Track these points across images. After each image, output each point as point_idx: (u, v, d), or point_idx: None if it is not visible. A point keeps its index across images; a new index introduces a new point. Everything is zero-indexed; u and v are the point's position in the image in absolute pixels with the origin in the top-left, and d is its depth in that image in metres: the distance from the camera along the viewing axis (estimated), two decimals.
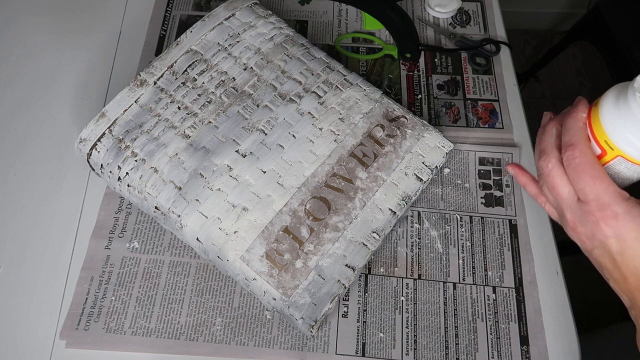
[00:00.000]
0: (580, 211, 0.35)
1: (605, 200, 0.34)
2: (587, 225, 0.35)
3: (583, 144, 0.35)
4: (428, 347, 0.54)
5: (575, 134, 0.35)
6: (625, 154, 0.34)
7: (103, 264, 0.58)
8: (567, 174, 0.36)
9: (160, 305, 0.56)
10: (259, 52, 0.63)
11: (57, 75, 0.72)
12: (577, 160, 0.35)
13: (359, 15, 0.78)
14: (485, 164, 0.64)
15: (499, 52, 0.73)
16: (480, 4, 0.78)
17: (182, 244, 0.59)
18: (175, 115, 0.58)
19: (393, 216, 0.57)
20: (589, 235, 0.36)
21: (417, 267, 0.58)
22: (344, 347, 0.54)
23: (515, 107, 0.68)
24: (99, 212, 0.61)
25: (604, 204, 0.34)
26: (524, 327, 0.55)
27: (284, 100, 0.60)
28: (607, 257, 0.36)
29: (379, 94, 0.62)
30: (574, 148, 0.35)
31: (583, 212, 0.35)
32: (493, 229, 0.60)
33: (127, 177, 0.56)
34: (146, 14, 0.78)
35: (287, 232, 0.54)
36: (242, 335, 0.54)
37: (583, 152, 0.35)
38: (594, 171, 0.34)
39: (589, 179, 0.34)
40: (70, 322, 0.55)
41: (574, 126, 0.36)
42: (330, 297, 0.52)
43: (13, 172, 0.65)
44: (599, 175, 0.34)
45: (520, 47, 1.66)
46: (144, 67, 0.61)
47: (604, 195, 0.34)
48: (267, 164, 0.56)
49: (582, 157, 0.35)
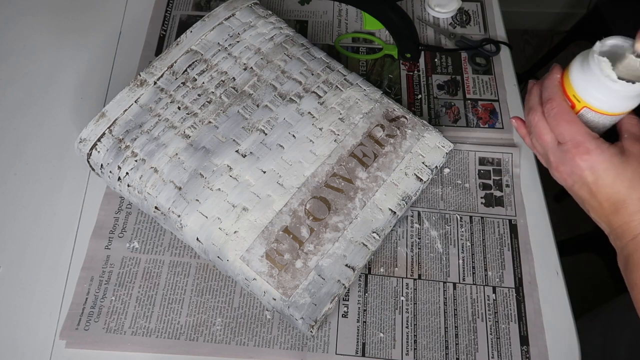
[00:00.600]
0: (560, 152, 0.42)
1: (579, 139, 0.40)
2: (566, 162, 0.42)
3: (559, 97, 0.42)
4: (428, 347, 0.54)
5: (552, 91, 0.43)
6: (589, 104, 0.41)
7: (103, 264, 0.58)
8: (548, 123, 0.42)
9: (160, 305, 0.56)
10: (259, 52, 0.63)
11: (57, 75, 0.72)
12: (554, 110, 0.42)
13: (359, 15, 0.78)
14: (485, 164, 0.64)
15: (499, 52, 0.73)
16: (480, 4, 0.78)
17: (182, 244, 0.59)
18: (175, 115, 0.58)
19: (393, 216, 0.57)
20: (569, 172, 0.42)
21: (417, 267, 0.58)
22: (344, 347, 0.54)
23: (515, 107, 0.68)
24: (99, 212, 0.61)
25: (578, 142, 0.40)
26: (524, 327, 0.55)
27: (284, 100, 0.60)
28: (584, 188, 0.42)
29: (379, 94, 0.63)
30: (552, 101, 0.42)
31: (562, 152, 0.42)
32: (493, 229, 0.60)
33: (127, 177, 0.56)
34: (146, 14, 0.78)
35: (287, 232, 0.54)
36: (242, 335, 0.54)
37: (559, 104, 0.42)
38: (568, 117, 0.41)
39: (565, 123, 0.41)
40: (70, 322, 0.55)
41: (550, 85, 0.43)
42: (330, 297, 0.52)
43: (13, 172, 0.65)
44: (572, 120, 0.41)
45: (520, 47, 1.66)
46: (144, 67, 0.61)
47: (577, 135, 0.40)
48: (267, 164, 0.56)
49: (558, 107, 0.42)
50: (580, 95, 0.41)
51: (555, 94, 0.42)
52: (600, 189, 0.41)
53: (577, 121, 0.41)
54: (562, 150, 0.41)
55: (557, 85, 0.43)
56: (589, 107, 0.41)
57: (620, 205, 0.41)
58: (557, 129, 0.42)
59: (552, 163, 0.44)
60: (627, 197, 0.40)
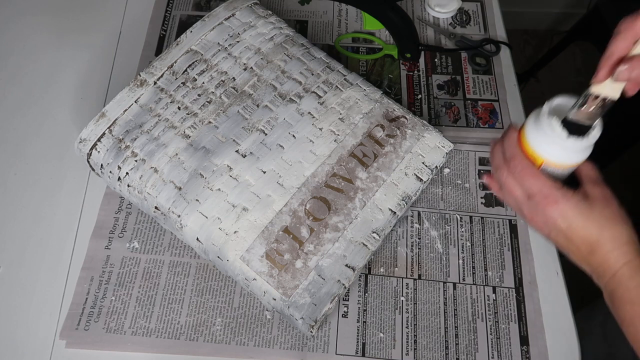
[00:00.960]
0: (532, 205, 0.44)
1: (546, 192, 0.43)
2: (539, 214, 0.44)
3: (520, 155, 0.45)
4: (428, 347, 0.54)
5: (512, 150, 0.46)
6: (547, 160, 0.44)
7: (103, 264, 0.58)
8: (515, 179, 0.45)
9: (160, 305, 0.56)
10: (259, 52, 0.63)
11: (57, 75, 0.72)
12: (518, 168, 0.44)
13: (359, 15, 0.78)
14: (485, 164, 0.64)
15: (499, 52, 0.73)
16: (480, 4, 0.78)
17: (182, 244, 0.59)
18: (175, 115, 0.58)
19: (393, 216, 0.57)
20: (543, 222, 0.44)
21: (417, 267, 0.58)
22: (344, 347, 0.54)
23: (515, 107, 0.68)
24: (99, 212, 0.61)
25: (545, 194, 0.43)
26: (524, 327, 0.55)
27: (284, 100, 0.60)
28: (560, 235, 0.44)
29: (379, 94, 0.62)
30: (514, 159, 0.45)
31: (533, 204, 0.44)
32: (493, 229, 0.60)
33: (127, 177, 0.56)
34: (146, 14, 0.78)
35: (287, 232, 0.54)
36: (242, 335, 0.54)
37: (521, 161, 0.44)
38: (532, 173, 0.44)
39: (531, 178, 0.44)
40: (70, 322, 0.55)
41: (509, 145, 0.46)
42: (330, 297, 0.52)
43: (13, 172, 0.65)
44: (536, 175, 0.44)
45: (520, 47, 1.66)
46: (144, 67, 0.61)
47: (544, 188, 0.43)
48: (267, 164, 0.56)
49: (521, 165, 0.44)
50: (537, 153, 0.44)
51: (516, 152, 0.45)
52: (574, 233, 0.43)
53: (540, 175, 0.44)
54: (533, 203, 0.44)
55: (516, 144, 0.46)
56: (548, 162, 0.44)
57: (595, 246, 0.43)
58: (524, 185, 0.44)
59: (526, 215, 0.46)
60: (600, 238, 0.42)
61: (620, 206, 0.43)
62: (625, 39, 0.39)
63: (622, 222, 0.42)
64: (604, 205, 0.42)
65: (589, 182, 0.44)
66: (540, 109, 0.44)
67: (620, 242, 0.42)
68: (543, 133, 0.42)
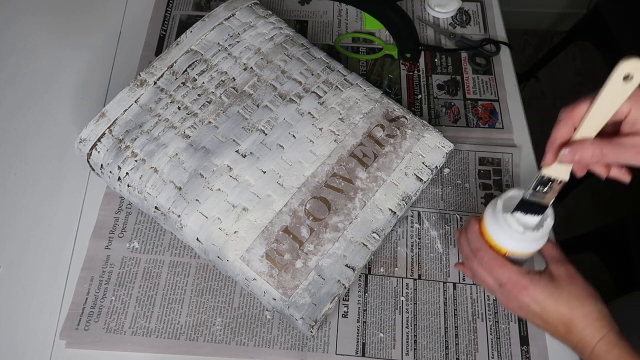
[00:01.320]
0: (504, 292, 0.46)
1: (515, 279, 0.44)
2: (512, 300, 0.45)
3: (484, 247, 0.47)
4: (428, 347, 0.54)
5: (476, 242, 0.47)
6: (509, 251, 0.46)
7: (103, 264, 0.58)
8: (485, 270, 0.47)
9: (160, 305, 0.56)
10: (259, 52, 0.63)
11: (57, 75, 0.72)
12: (485, 259, 0.46)
13: (359, 15, 0.78)
14: (485, 164, 0.64)
15: (499, 52, 0.73)
16: (480, 4, 0.78)
17: (182, 244, 0.59)
18: (175, 115, 0.58)
19: (393, 216, 0.57)
20: (518, 307, 0.46)
21: (417, 267, 0.58)
22: (344, 347, 0.54)
23: (515, 107, 0.68)
24: (99, 212, 0.61)
25: (515, 282, 0.44)
26: (524, 327, 0.55)
27: (284, 100, 0.60)
28: (537, 318, 0.45)
29: (379, 94, 0.63)
30: (479, 251, 0.47)
31: (506, 292, 0.45)
32: None
33: (127, 177, 0.56)
34: (146, 14, 0.78)
35: (287, 232, 0.54)
36: (242, 335, 0.54)
37: (486, 253, 0.46)
38: (499, 262, 0.46)
39: (498, 268, 0.45)
40: (70, 322, 0.55)
41: (473, 237, 0.48)
42: (330, 297, 0.52)
43: (13, 172, 0.65)
44: (503, 264, 0.45)
45: (520, 47, 1.66)
46: (144, 67, 0.61)
47: (512, 275, 0.45)
48: (267, 164, 0.56)
49: (487, 256, 0.46)
50: (499, 245, 0.46)
51: (480, 244, 0.47)
52: (549, 315, 0.44)
53: (507, 264, 0.45)
54: (505, 291, 0.45)
55: (479, 236, 0.47)
56: (511, 252, 0.46)
57: (570, 326, 0.44)
58: (493, 275, 0.46)
59: (502, 301, 0.47)
60: (573, 317, 0.44)
61: (585, 281, 0.45)
62: (566, 125, 0.41)
63: (590, 298, 0.44)
64: (570, 284, 0.44)
65: (552, 262, 0.46)
66: (496, 202, 0.46)
67: (592, 319, 0.44)
68: (501, 229, 0.45)
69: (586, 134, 0.41)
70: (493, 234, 0.46)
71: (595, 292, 0.45)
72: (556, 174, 0.43)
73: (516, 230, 0.44)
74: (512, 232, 0.44)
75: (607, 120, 0.40)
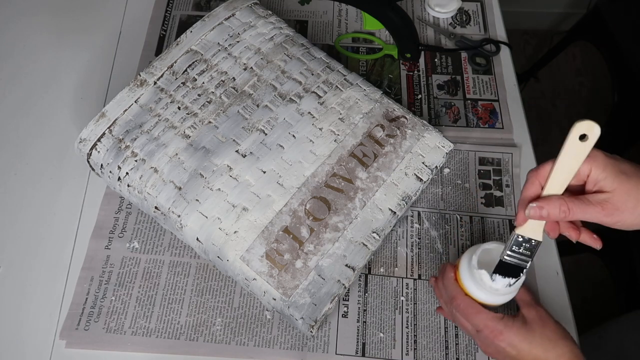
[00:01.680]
0: (481, 338, 0.47)
1: (490, 325, 0.46)
2: (490, 345, 0.47)
3: (460, 294, 0.48)
4: (428, 347, 0.54)
5: (452, 290, 0.49)
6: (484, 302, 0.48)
7: (103, 264, 0.58)
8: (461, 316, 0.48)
9: (160, 305, 0.56)
10: (259, 52, 0.63)
11: (57, 75, 0.72)
12: (461, 307, 0.48)
13: (359, 15, 0.78)
14: (485, 164, 0.64)
15: (499, 52, 0.73)
16: (480, 4, 0.78)
17: (182, 244, 0.59)
18: (175, 115, 0.58)
19: (393, 216, 0.57)
20: (495, 351, 0.47)
21: (417, 267, 0.58)
22: (344, 347, 0.54)
23: (515, 107, 0.68)
24: (99, 212, 0.61)
25: (490, 328, 0.46)
26: None
27: (284, 100, 0.60)
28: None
29: (379, 94, 0.63)
30: (455, 299, 0.48)
31: (482, 337, 0.47)
32: (493, 229, 0.60)
33: (127, 177, 0.56)
34: (146, 14, 0.78)
35: (287, 232, 0.54)
36: (242, 335, 0.54)
37: (462, 300, 0.48)
38: (474, 310, 0.47)
39: (474, 315, 0.47)
40: (70, 322, 0.55)
41: (449, 284, 0.49)
42: (330, 297, 0.52)
43: (13, 172, 0.65)
44: (479, 311, 0.47)
45: (520, 47, 1.66)
46: (144, 67, 0.61)
47: (488, 322, 0.46)
48: (267, 164, 0.56)
49: (463, 304, 0.48)
50: (474, 296, 0.48)
51: (456, 292, 0.48)
52: (524, 357, 0.46)
53: (482, 310, 0.47)
54: (482, 336, 0.47)
55: (454, 284, 0.49)
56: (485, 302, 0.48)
57: None
58: (469, 321, 0.47)
59: (480, 346, 0.49)
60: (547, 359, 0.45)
61: (556, 323, 0.47)
62: (533, 184, 0.43)
63: (562, 339, 0.46)
64: (542, 327, 0.46)
65: (524, 306, 0.48)
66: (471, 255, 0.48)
67: None
68: (475, 283, 0.47)
69: (553, 192, 0.43)
70: (468, 286, 0.48)
71: (566, 333, 0.46)
72: (529, 233, 0.45)
73: (490, 286, 0.46)
74: (485, 287, 0.46)
75: (570, 178, 0.42)
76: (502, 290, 0.45)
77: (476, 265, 0.46)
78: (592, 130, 0.39)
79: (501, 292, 0.46)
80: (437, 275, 0.52)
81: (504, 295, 0.47)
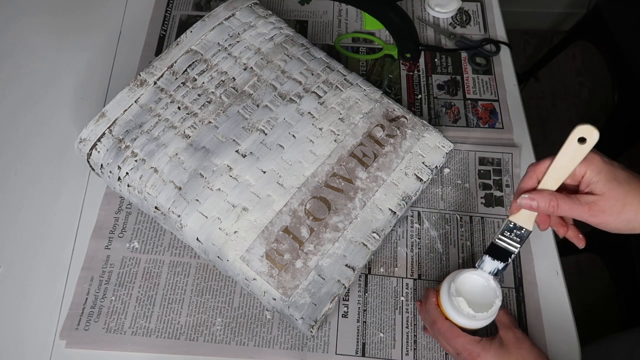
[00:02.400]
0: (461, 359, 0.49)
1: (469, 348, 0.48)
2: None
3: (440, 318, 0.50)
4: (428, 347, 0.54)
5: (433, 314, 0.51)
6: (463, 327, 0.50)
7: (103, 264, 0.58)
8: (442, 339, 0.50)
9: (160, 305, 0.56)
10: (259, 52, 0.63)
11: (57, 75, 0.72)
12: (441, 330, 0.50)
13: (359, 15, 0.78)
14: (485, 164, 0.64)
15: (499, 52, 0.73)
16: (480, 4, 0.78)
17: (182, 244, 0.59)
18: (175, 115, 0.58)
19: (393, 216, 0.57)
20: None
21: (417, 267, 0.58)
22: (344, 347, 0.54)
23: (515, 107, 0.68)
24: (99, 212, 0.61)
25: (469, 350, 0.48)
26: (524, 327, 0.55)
27: (284, 100, 0.60)
28: None
29: (379, 94, 0.63)
30: (436, 323, 0.50)
31: (462, 359, 0.49)
32: (493, 229, 0.60)
33: (127, 177, 0.56)
34: (146, 14, 0.78)
35: (287, 232, 0.54)
36: (242, 335, 0.54)
37: (442, 324, 0.50)
38: (454, 333, 0.49)
39: (454, 338, 0.49)
40: (70, 322, 0.55)
41: (430, 308, 0.51)
42: (330, 297, 0.52)
43: (13, 172, 0.65)
44: (458, 334, 0.49)
45: (520, 47, 1.66)
46: (144, 67, 0.61)
47: (467, 345, 0.48)
48: (267, 164, 0.56)
49: (443, 327, 0.50)
50: (454, 321, 0.50)
51: (437, 316, 0.50)
52: None
53: (461, 334, 0.49)
54: (462, 359, 0.49)
55: (436, 308, 0.51)
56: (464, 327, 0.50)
57: None
58: (450, 344, 0.49)
59: None
60: None
61: (532, 344, 0.49)
62: (531, 178, 0.47)
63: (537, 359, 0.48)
64: (518, 348, 0.48)
65: (502, 328, 0.50)
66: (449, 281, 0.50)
67: None
68: (455, 309, 0.49)
69: (547, 187, 0.46)
70: (448, 311, 0.50)
71: (541, 353, 0.48)
72: (521, 222, 0.49)
73: (468, 313, 0.48)
74: (464, 314, 0.48)
75: (566, 177, 0.45)
76: (479, 316, 0.48)
77: (454, 293, 0.48)
78: (592, 134, 0.42)
79: (478, 317, 0.48)
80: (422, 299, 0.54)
81: (482, 320, 0.49)
